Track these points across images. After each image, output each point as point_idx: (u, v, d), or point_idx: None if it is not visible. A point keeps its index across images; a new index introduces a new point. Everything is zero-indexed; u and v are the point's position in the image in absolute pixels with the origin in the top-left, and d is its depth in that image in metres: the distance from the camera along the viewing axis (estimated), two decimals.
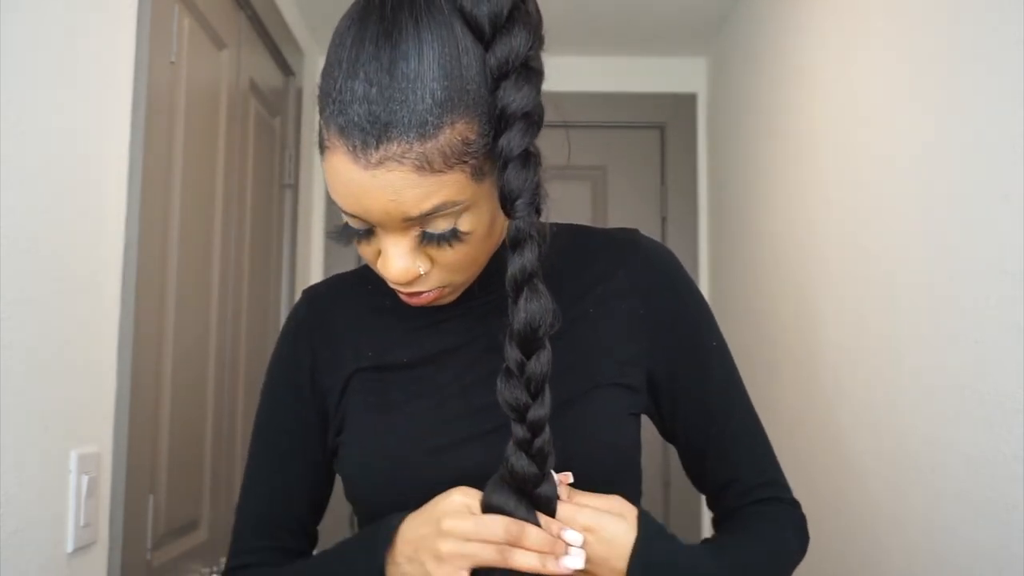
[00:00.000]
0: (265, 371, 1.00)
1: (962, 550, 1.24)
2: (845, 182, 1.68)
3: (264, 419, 0.97)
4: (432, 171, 0.71)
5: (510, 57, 0.72)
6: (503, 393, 0.74)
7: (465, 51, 0.72)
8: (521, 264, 0.72)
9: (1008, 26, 1.13)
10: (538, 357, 0.73)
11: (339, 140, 0.72)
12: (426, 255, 0.78)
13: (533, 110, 0.73)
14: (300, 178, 2.47)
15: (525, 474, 0.74)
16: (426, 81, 0.70)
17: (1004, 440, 1.14)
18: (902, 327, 1.43)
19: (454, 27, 0.72)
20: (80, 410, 1.22)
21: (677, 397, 0.92)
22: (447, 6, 0.72)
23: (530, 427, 0.74)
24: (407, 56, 0.70)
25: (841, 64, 1.71)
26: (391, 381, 0.90)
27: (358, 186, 0.72)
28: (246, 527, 0.95)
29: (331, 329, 0.95)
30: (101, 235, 1.28)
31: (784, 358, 1.97)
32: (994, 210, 1.16)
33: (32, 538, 1.10)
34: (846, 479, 1.65)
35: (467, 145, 0.72)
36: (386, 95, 0.70)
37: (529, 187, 0.72)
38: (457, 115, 0.71)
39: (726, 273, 2.53)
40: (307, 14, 2.49)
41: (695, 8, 2.44)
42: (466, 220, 0.76)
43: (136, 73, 1.38)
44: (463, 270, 0.81)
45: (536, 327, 0.72)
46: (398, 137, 0.70)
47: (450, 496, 0.78)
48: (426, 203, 0.72)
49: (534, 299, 0.72)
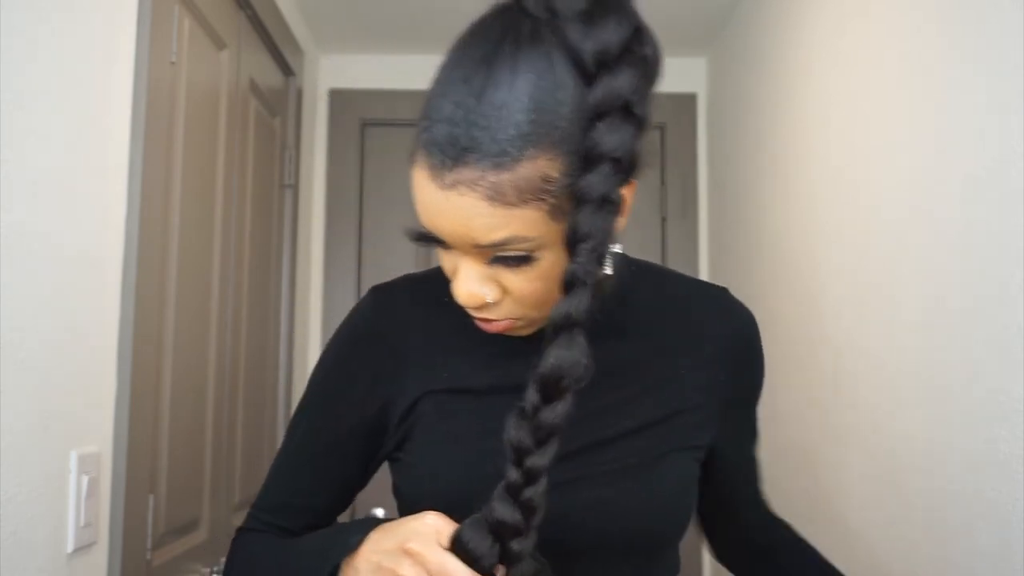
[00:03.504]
0: (319, 357, 0.97)
1: (962, 550, 1.24)
2: (845, 182, 1.68)
3: (311, 412, 0.96)
4: (504, 203, 0.69)
5: (609, 98, 0.69)
6: (510, 431, 0.70)
7: (562, 86, 0.69)
8: (567, 310, 0.69)
9: (1008, 26, 1.13)
10: (554, 407, 0.69)
11: (422, 156, 0.72)
12: (498, 284, 0.76)
13: (624, 156, 0.69)
14: (300, 178, 2.47)
15: (506, 521, 0.70)
16: (513, 111, 0.68)
17: (1004, 440, 1.14)
18: (902, 326, 1.43)
19: (554, 60, 0.70)
20: (80, 410, 1.22)
21: (714, 451, 0.95)
22: (553, 38, 0.70)
23: (525, 473, 0.70)
24: (498, 84, 0.69)
25: (841, 64, 1.71)
26: (464, 408, 0.89)
27: (433, 205, 0.72)
28: (266, 502, 0.96)
29: (401, 340, 0.92)
30: (101, 235, 1.28)
31: (784, 358, 1.97)
32: (994, 210, 1.16)
33: (32, 538, 1.10)
34: (846, 479, 1.65)
35: (547, 182, 0.69)
36: (470, 119, 0.69)
37: (598, 233, 0.69)
38: (540, 150, 0.69)
39: (726, 273, 2.53)
40: (307, 14, 2.49)
41: (695, 8, 2.44)
42: (538, 256, 0.73)
43: (136, 73, 1.38)
44: (536, 305, 0.78)
45: (561, 376, 0.68)
46: (474, 163, 0.69)
47: (423, 517, 0.76)
48: (495, 234, 0.71)
49: (569, 347, 0.69)
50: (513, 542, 0.71)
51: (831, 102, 1.76)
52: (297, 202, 2.43)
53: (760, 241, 2.21)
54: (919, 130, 1.38)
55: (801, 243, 1.91)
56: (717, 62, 2.68)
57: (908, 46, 1.42)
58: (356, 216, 2.74)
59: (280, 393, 2.32)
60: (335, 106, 2.76)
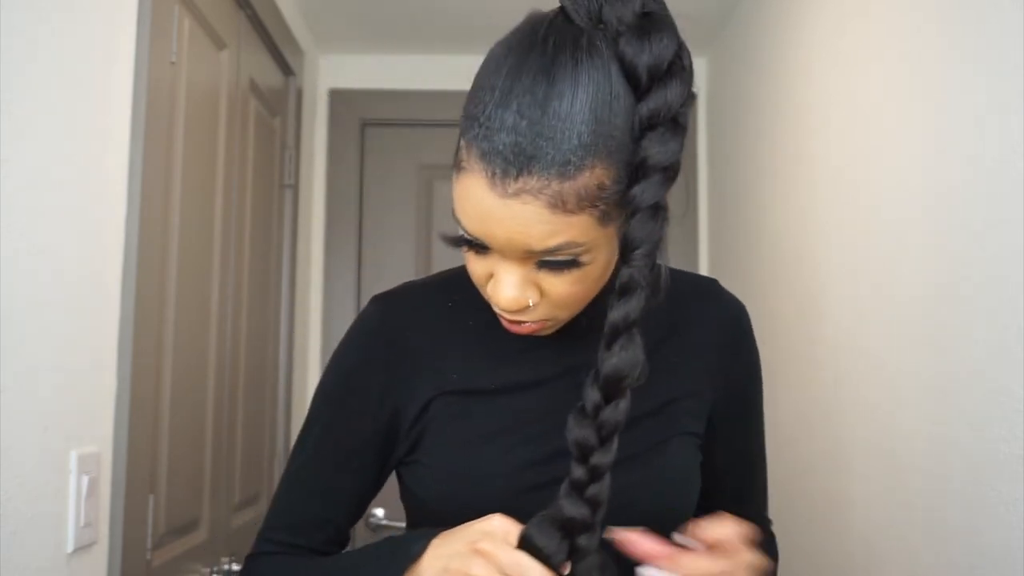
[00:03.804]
0: (324, 371, 0.98)
1: (962, 550, 1.24)
2: (845, 182, 1.68)
3: (321, 422, 0.96)
4: (564, 210, 0.71)
5: (662, 110, 0.72)
6: (573, 430, 0.73)
7: (617, 97, 0.72)
8: (625, 312, 0.72)
9: (1008, 26, 1.13)
10: (616, 405, 0.73)
11: (479, 164, 0.72)
12: (537, 287, 0.78)
13: (672, 165, 0.73)
14: (300, 178, 2.47)
15: (574, 517, 0.73)
16: (576, 122, 0.70)
17: (1004, 440, 1.14)
18: (902, 326, 1.43)
19: (611, 73, 0.72)
20: (80, 410, 1.22)
21: (714, 445, 0.97)
22: (608, 51, 0.72)
23: (591, 471, 0.73)
24: (562, 95, 0.71)
25: (841, 64, 1.71)
26: (476, 408, 0.90)
27: (488, 212, 0.73)
28: (280, 521, 0.96)
29: (409, 345, 0.93)
30: (101, 235, 1.28)
31: (784, 358, 1.97)
32: (994, 210, 1.16)
33: (32, 538, 1.10)
34: (846, 479, 1.65)
35: (601, 190, 0.72)
36: (535, 129, 0.70)
37: (652, 239, 0.72)
38: (598, 160, 0.71)
39: (726, 273, 2.53)
40: (307, 14, 2.49)
41: (695, 8, 2.44)
42: (584, 260, 0.76)
43: (136, 73, 1.38)
44: (570, 307, 0.81)
45: (623, 376, 0.72)
46: (540, 172, 0.70)
47: (491, 519, 0.77)
48: (551, 240, 0.73)
49: (629, 348, 0.72)
50: (581, 537, 0.73)
51: (831, 102, 1.76)
52: (297, 202, 2.43)
53: (760, 241, 2.21)
54: (919, 130, 1.38)
55: (801, 243, 1.91)
56: (717, 62, 2.68)
57: (908, 46, 1.42)
58: (356, 216, 2.74)
59: (280, 393, 2.32)
60: (335, 106, 2.76)
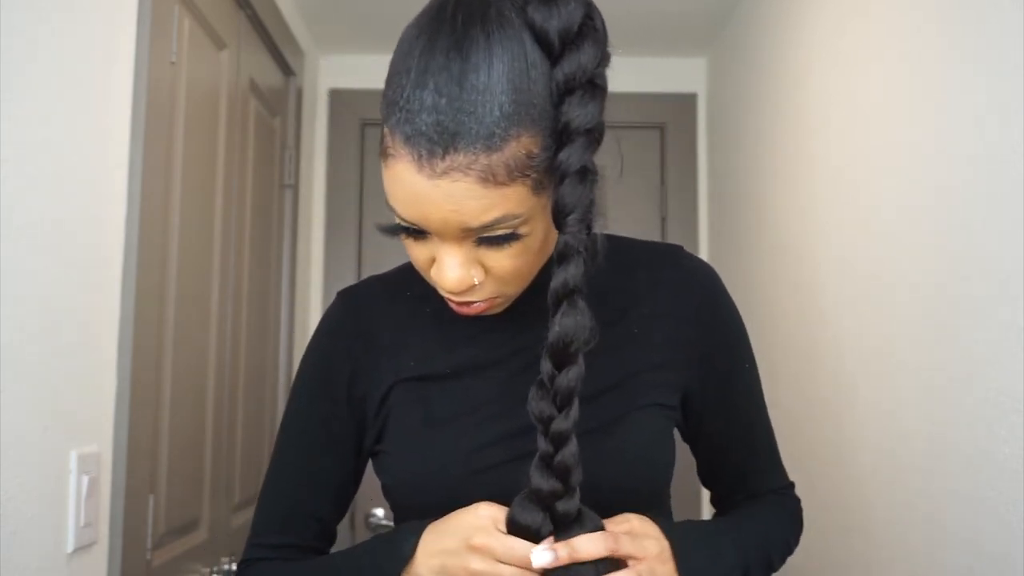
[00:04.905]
0: (298, 368, 0.99)
1: (962, 550, 1.24)
2: (845, 182, 1.68)
3: (295, 419, 0.97)
4: (496, 183, 0.71)
5: (577, 73, 0.73)
6: (532, 404, 0.74)
7: (533, 65, 0.72)
8: (564, 278, 0.72)
9: (1008, 26, 1.13)
10: (568, 371, 0.73)
11: (404, 148, 0.72)
12: (480, 265, 0.78)
13: (595, 127, 0.73)
14: (300, 178, 2.47)
15: (544, 489, 0.74)
16: (495, 94, 0.70)
17: (1004, 440, 1.14)
18: (902, 327, 1.43)
19: (524, 41, 0.72)
20: (80, 410, 1.22)
21: (704, 413, 0.95)
22: (517, 20, 0.73)
23: (552, 439, 0.74)
24: (477, 69, 0.70)
25: (841, 64, 1.71)
26: (434, 392, 0.90)
27: (420, 195, 0.72)
28: (268, 522, 0.96)
29: (371, 336, 0.94)
30: (101, 235, 1.28)
31: (784, 358, 1.97)
32: (994, 210, 1.16)
33: (32, 538, 1.10)
34: (845, 479, 1.65)
35: (531, 159, 0.72)
36: (455, 106, 0.70)
37: (583, 203, 0.72)
38: (523, 128, 0.71)
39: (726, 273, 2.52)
40: (307, 14, 2.49)
41: (695, 8, 2.44)
42: (523, 231, 0.76)
43: (136, 73, 1.38)
44: (515, 281, 0.81)
45: (569, 342, 0.72)
46: (465, 148, 0.70)
47: (477, 510, 0.78)
48: (487, 215, 0.72)
49: (572, 314, 0.72)
50: (559, 504, 0.75)
51: (831, 102, 1.76)
52: (297, 202, 2.43)
53: (760, 241, 2.21)
54: (919, 130, 1.38)
55: (801, 242, 1.91)
56: (717, 62, 2.68)
57: (908, 46, 1.42)
58: (356, 216, 2.74)
59: (280, 393, 2.32)
60: (335, 106, 2.76)
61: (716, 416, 0.95)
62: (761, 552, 0.91)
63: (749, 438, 0.99)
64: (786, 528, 0.98)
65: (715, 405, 0.95)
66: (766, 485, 1.00)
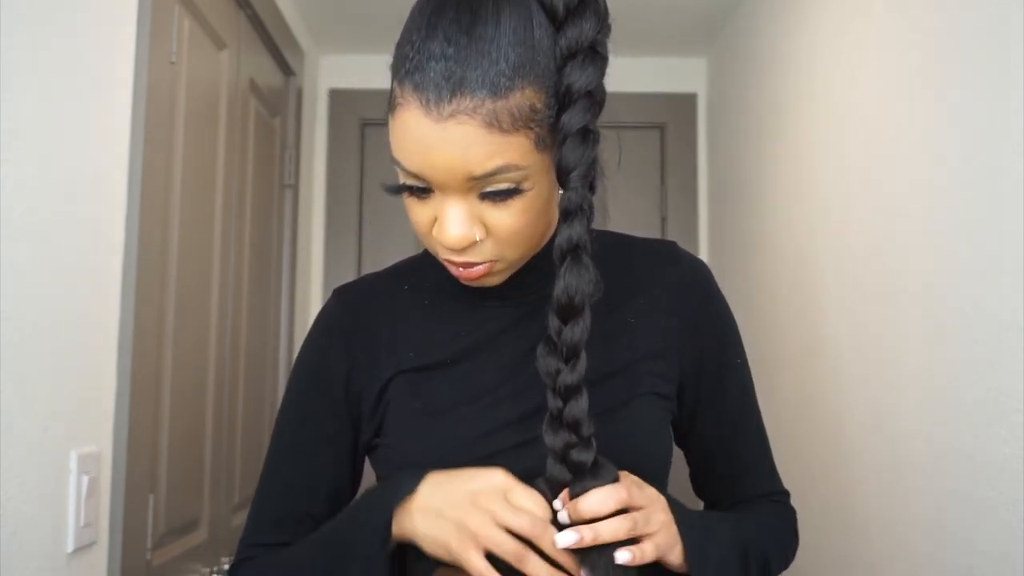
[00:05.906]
0: (293, 366, 0.99)
1: (962, 550, 1.24)
2: (845, 182, 1.68)
3: (291, 416, 0.96)
4: (500, 130, 0.73)
5: (580, 39, 0.76)
6: (540, 361, 0.77)
7: (539, 26, 0.76)
8: (569, 235, 0.75)
9: (1009, 26, 1.13)
10: (574, 325, 0.75)
11: (412, 95, 0.74)
12: (481, 223, 0.79)
13: (596, 90, 0.77)
14: (300, 178, 2.47)
15: (557, 445, 0.76)
16: (502, 45, 0.73)
17: (1004, 440, 1.14)
18: (902, 327, 1.43)
19: (530, 5, 0.76)
20: (80, 410, 1.22)
21: (697, 410, 0.95)
22: None
23: (560, 393, 0.75)
24: (485, 21, 0.74)
25: (842, 64, 1.71)
26: (434, 382, 0.90)
27: (426, 141, 0.74)
28: (262, 521, 0.95)
29: (368, 333, 0.94)
30: (101, 235, 1.28)
31: (784, 357, 1.97)
32: (994, 210, 1.16)
33: (32, 538, 1.10)
34: (846, 479, 1.65)
35: (534, 112, 0.75)
36: (463, 53, 0.73)
37: (585, 162, 0.75)
38: (527, 81, 0.74)
39: (726, 273, 2.53)
40: (307, 14, 2.49)
41: (695, 8, 2.44)
42: (525, 187, 0.77)
43: (136, 73, 1.38)
44: (517, 244, 0.81)
45: (573, 295, 0.75)
46: (471, 92, 0.72)
47: (493, 474, 0.78)
48: (490, 162, 0.74)
49: (576, 269, 0.75)
50: (572, 452, 0.76)
51: (831, 102, 1.76)
52: (297, 202, 2.43)
53: (760, 241, 2.21)
54: (919, 130, 1.38)
55: (801, 243, 1.91)
56: (717, 62, 2.68)
57: (908, 45, 1.42)
58: (356, 216, 2.74)
59: (280, 393, 2.32)
60: (335, 106, 2.76)
61: (708, 410, 0.95)
62: (757, 546, 0.90)
63: (741, 435, 0.98)
64: (785, 532, 0.98)
65: (708, 400, 0.95)
66: (760, 489, 0.99)
